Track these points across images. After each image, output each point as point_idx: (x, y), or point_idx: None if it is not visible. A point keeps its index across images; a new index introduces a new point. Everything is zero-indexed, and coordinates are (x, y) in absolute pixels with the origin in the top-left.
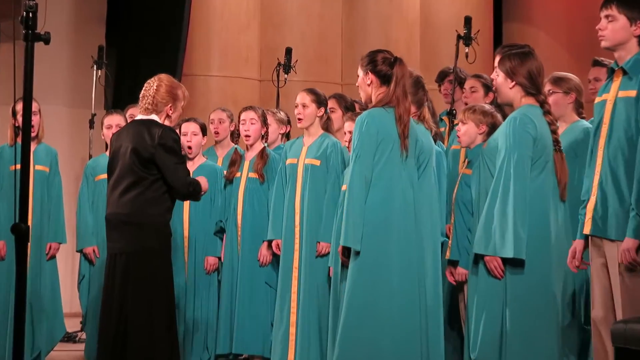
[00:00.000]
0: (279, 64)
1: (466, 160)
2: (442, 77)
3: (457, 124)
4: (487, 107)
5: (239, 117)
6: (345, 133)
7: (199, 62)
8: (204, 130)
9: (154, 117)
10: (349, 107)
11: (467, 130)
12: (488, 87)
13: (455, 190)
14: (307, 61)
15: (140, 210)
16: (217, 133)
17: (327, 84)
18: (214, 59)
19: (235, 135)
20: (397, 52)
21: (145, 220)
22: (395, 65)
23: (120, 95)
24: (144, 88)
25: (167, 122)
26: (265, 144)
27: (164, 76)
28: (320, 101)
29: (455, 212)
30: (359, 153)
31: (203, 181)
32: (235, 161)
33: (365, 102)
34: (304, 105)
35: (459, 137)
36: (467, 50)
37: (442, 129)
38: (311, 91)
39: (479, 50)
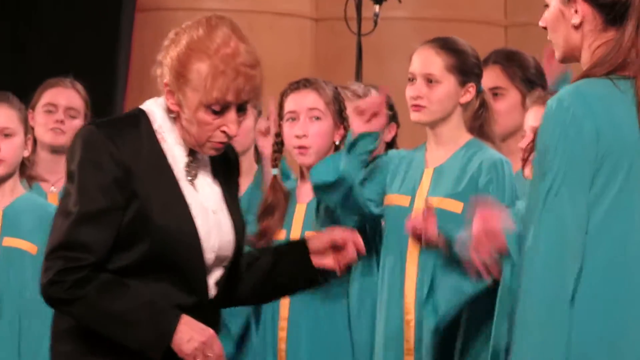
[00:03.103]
0: None
1: None
2: None
3: None
4: None
5: (280, 106)
6: (524, 136)
7: None
8: None
9: (156, 104)
10: (533, 81)
11: None
12: None
13: None
14: None
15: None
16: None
17: (473, 26)
18: None
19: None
20: None
21: None
22: None
23: None
24: None
25: (183, 128)
26: None
27: (210, 19)
28: (466, 69)
29: None
30: (556, 182)
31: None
32: (273, 206)
33: (563, 59)
34: (429, 78)
35: None
36: None
37: None
38: (445, 45)
39: None
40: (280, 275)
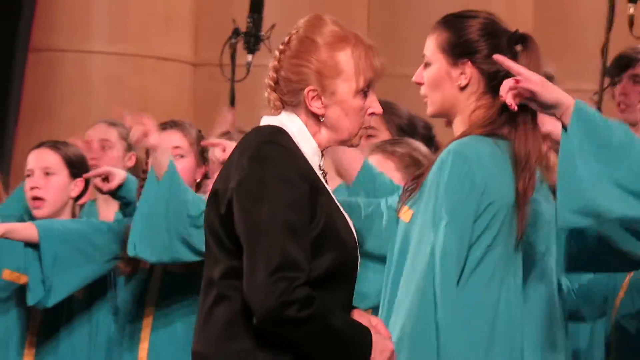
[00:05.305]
0: (236, 32)
1: None
2: (621, 67)
3: None
4: None
5: None
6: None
7: (68, 25)
8: (74, 164)
9: (283, 119)
10: (407, 130)
11: None
12: None
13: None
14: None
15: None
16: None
17: None
18: (99, 20)
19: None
20: (515, 22)
21: None
22: (525, 52)
23: None
24: None
25: (322, 135)
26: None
27: (306, 20)
28: None
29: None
30: (448, 226)
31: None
32: None
33: (436, 115)
34: None
35: None
36: (631, 10)
37: None
38: None
39: None
40: None
